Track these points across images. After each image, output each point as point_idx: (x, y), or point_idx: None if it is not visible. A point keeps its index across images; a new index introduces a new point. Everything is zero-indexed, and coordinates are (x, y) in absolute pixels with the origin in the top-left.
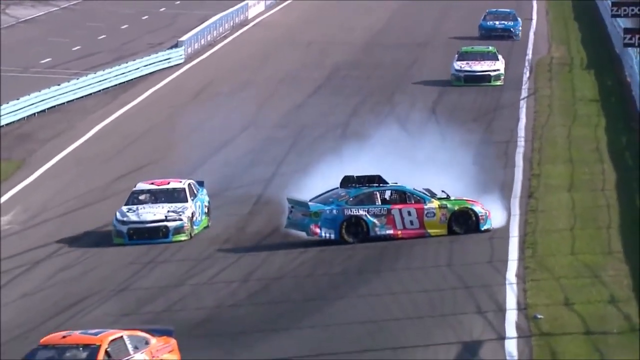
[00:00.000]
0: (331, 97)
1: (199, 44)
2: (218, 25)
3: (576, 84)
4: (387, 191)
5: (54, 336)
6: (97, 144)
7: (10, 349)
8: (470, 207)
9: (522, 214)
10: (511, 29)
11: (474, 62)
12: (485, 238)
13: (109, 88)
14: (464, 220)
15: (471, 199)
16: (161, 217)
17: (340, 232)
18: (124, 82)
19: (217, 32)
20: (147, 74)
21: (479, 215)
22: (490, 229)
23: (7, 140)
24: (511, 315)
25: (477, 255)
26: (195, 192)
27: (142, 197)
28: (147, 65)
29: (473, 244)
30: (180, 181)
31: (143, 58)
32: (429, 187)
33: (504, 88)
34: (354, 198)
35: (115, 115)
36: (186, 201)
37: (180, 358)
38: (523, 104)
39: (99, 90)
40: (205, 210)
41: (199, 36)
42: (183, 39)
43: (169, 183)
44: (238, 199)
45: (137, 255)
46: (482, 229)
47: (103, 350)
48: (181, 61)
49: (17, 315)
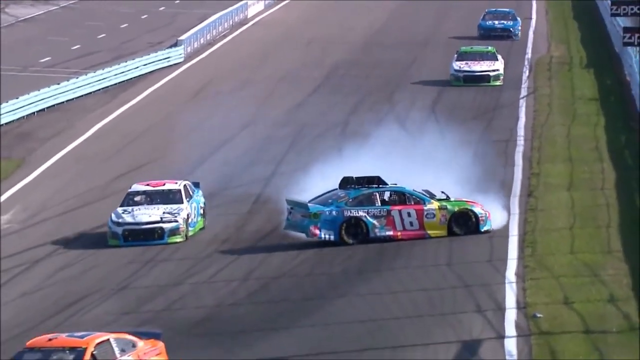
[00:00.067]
0: (330, 96)
1: (199, 43)
2: (217, 24)
3: (576, 83)
4: (387, 192)
5: (40, 339)
6: (97, 143)
7: (10, 348)
8: (470, 208)
9: (522, 212)
10: (510, 29)
11: (473, 62)
12: (485, 237)
13: (109, 87)
14: (463, 222)
15: (471, 200)
16: (156, 219)
17: (339, 234)
18: (124, 81)
19: (217, 31)
20: (147, 73)
21: (479, 216)
22: (490, 230)
23: (7, 139)
24: (511, 314)
25: (477, 254)
26: (191, 194)
27: (138, 199)
28: (147, 64)
29: (472, 243)
30: (176, 182)
31: (142, 57)
32: (427, 189)
33: (504, 87)
34: (353, 199)
35: (114, 114)
36: (182, 202)
37: None
38: (522, 103)
39: (99, 89)
40: (201, 211)
41: (199, 35)
42: (182, 38)
43: (164, 184)
44: (237, 197)
45: (137, 254)
46: (482, 230)
47: (89, 353)
48: (180, 60)
49: (17, 314)
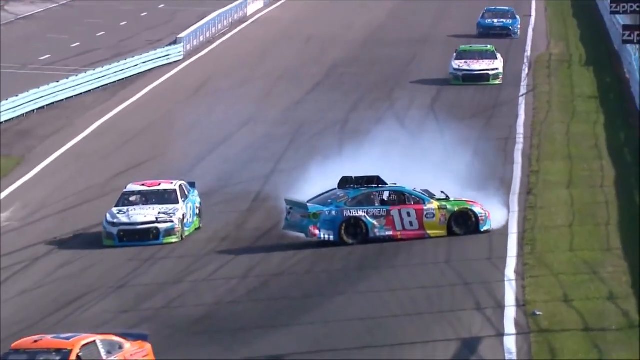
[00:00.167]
0: (330, 94)
1: (198, 41)
2: (217, 22)
3: (575, 81)
4: (386, 192)
5: (26, 340)
6: (96, 140)
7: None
8: (470, 208)
9: (521, 210)
10: (510, 27)
11: (472, 61)
12: (484, 235)
13: (108, 85)
14: (463, 222)
15: (471, 200)
16: (152, 219)
17: (339, 234)
18: (123, 79)
19: (216, 29)
20: (146, 71)
21: (479, 216)
22: (490, 229)
23: (7, 136)
24: (510, 312)
25: (476, 252)
26: (187, 194)
27: (133, 199)
28: (146, 62)
29: (472, 241)
30: (171, 182)
31: (142, 55)
32: (427, 188)
33: (503, 85)
34: (352, 199)
35: (114, 112)
36: (177, 202)
37: None
38: (522, 101)
39: (98, 87)
40: (197, 211)
41: (198, 33)
42: (182, 35)
43: (159, 184)
44: (237, 195)
45: (136, 252)
46: (482, 230)
47: (75, 355)
48: (180, 58)
49: (16, 312)
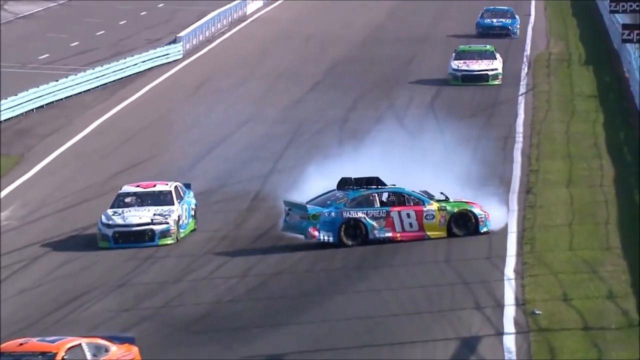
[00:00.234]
0: (329, 93)
1: (198, 40)
2: (216, 21)
3: (574, 80)
4: (385, 193)
5: (11, 343)
6: (96, 139)
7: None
8: (469, 209)
9: (521, 209)
10: (509, 27)
11: (471, 61)
12: (484, 234)
13: (107, 84)
14: (463, 223)
15: (470, 201)
16: (147, 221)
17: (339, 235)
18: (122, 78)
19: (216, 28)
20: (146, 70)
21: (479, 217)
22: (490, 230)
23: (6, 135)
24: (509, 311)
25: (476, 251)
26: (182, 195)
27: (128, 200)
28: (146, 61)
29: (471, 240)
30: (167, 184)
31: (141, 54)
32: (426, 189)
33: (503, 84)
34: (352, 200)
35: (113, 111)
36: (172, 204)
37: None
38: (521, 100)
39: (97, 86)
40: (192, 213)
41: (198, 32)
42: (181, 34)
43: (154, 185)
44: (236, 195)
45: (135, 252)
46: (482, 231)
47: (60, 358)
48: (179, 57)
49: (16, 311)
